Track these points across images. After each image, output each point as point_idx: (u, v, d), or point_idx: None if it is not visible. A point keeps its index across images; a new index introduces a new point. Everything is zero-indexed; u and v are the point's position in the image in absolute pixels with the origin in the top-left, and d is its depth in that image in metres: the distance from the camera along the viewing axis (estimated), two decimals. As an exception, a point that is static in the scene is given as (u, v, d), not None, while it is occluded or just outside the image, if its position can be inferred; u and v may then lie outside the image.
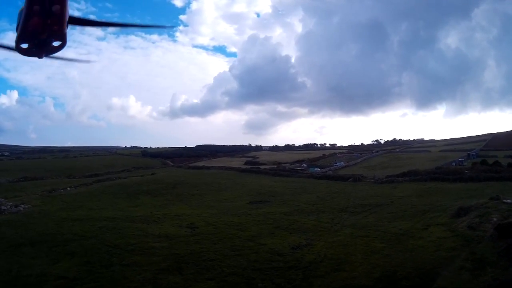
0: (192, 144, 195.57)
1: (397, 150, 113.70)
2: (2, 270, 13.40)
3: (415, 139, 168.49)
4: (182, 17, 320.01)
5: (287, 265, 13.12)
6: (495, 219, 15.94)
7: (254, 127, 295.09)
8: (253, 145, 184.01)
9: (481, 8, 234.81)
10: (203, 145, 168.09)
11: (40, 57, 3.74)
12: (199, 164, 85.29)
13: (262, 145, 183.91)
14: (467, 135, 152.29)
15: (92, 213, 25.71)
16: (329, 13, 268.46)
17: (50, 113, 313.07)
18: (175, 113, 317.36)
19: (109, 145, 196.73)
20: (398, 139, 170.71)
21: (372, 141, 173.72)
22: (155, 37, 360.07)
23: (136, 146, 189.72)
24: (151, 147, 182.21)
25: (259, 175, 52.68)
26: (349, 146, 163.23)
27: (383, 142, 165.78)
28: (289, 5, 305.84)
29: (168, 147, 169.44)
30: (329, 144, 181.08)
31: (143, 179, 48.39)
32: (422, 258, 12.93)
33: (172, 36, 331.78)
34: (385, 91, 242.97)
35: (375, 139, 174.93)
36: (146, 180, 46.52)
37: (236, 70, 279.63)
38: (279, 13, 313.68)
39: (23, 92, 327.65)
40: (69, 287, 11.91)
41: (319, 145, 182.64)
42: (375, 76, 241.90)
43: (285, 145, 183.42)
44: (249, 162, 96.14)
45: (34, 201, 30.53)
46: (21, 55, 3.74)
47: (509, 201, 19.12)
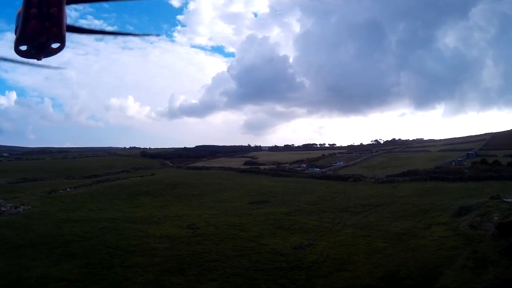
0: (191, 144, 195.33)
1: (396, 150, 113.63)
2: (3, 272, 13.30)
3: (414, 139, 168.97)
4: (180, 17, 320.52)
5: (290, 265, 13.11)
6: (496, 218, 15.97)
7: (252, 127, 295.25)
8: (252, 146, 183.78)
9: (478, 8, 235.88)
10: (202, 145, 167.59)
11: (39, 59, 3.76)
12: (199, 164, 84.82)
13: (261, 145, 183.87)
14: (466, 135, 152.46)
15: (92, 214, 25.65)
16: (327, 13, 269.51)
17: (48, 114, 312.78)
18: (173, 113, 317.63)
19: (108, 146, 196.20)
20: (397, 139, 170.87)
21: (371, 141, 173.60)
22: (153, 37, 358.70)
23: (135, 147, 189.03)
24: (150, 147, 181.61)
25: (259, 175, 52.58)
26: (348, 146, 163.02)
27: (382, 142, 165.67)
28: (286, 5, 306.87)
29: (167, 147, 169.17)
30: (328, 144, 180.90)
31: (142, 179, 48.27)
32: (424, 257, 12.94)
33: (170, 36, 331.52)
34: (383, 91, 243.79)
35: (374, 139, 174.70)
36: (146, 180, 46.40)
37: (234, 70, 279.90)
38: (276, 13, 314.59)
39: (22, 93, 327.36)
40: (71, 289, 11.83)
41: (318, 145, 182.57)
42: (373, 76, 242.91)
43: (284, 145, 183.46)
44: (248, 162, 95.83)
45: (34, 202, 30.39)
46: (20, 57, 3.76)
47: (509, 200, 19.09)
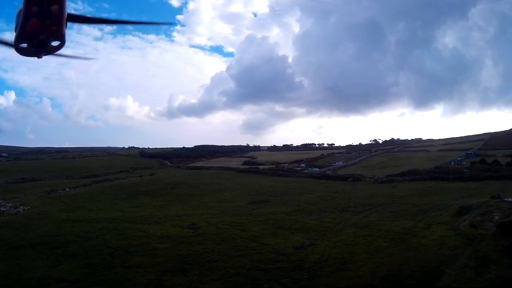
0: (190, 144, 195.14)
1: (395, 149, 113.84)
2: (3, 273, 13.22)
3: (413, 138, 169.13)
4: (179, 17, 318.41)
5: (292, 265, 13.10)
6: (496, 218, 16.00)
7: (251, 127, 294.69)
8: (251, 145, 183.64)
9: (478, 8, 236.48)
10: (201, 145, 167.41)
11: (39, 57, 3.74)
12: (198, 164, 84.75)
13: (260, 145, 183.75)
14: (465, 135, 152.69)
15: (92, 214, 25.57)
16: (326, 13, 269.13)
17: (47, 114, 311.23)
18: (172, 113, 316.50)
19: (107, 146, 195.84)
20: (396, 138, 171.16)
21: (370, 140, 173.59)
22: (152, 37, 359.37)
23: (134, 147, 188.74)
24: (149, 147, 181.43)
25: (258, 175, 52.61)
26: (347, 146, 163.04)
27: (381, 142, 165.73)
28: (286, 5, 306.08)
29: (166, 147, 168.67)
30: (327, 144, 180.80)
31: (142, 179, 48.22)
32: (425, 256, 12.97)
33: (169, 36, 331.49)
34: (382, 90, 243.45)
35: (373, 139, 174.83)
36: (145, 180, 46.35)
37: (233, 70, 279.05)
38: (276, 13, 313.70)
39: (21, 92, 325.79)
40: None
41: (317, 145, 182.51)
42: (372, 76, 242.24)
43: (283, 145, 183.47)
44: (247, 162, 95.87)
45: (33, 202, 30.30)
46: (20, 55, 3.72)
47: (510, 199, 19.11)
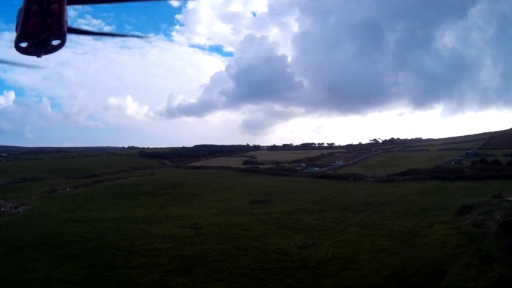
0: (189, 144, 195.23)
1: (395, 149, 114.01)
2: (4, 275, 13.09)
3: (413, 138, 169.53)
4: (178, 16, 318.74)
5: (296, 264, 13.07)
6: (498, 217, 16.05)
7: (251, 126, 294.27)
8: (251, 145, 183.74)
9: (477, 8, 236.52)
10: (200, 145, 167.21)
11: (39, 56, 3.77)
12: (198, 164, 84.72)
13: (260, 145, 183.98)
14: (464, 134, 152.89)
15: (93, 214, 25.49)
16: (326, 12, 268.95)
17: (47, 114, 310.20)
18: (172, 113, 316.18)
19: (106, 146, 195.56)
20: (396, 138, 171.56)
21: (370, 140, 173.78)
22: (152, 37, 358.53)
23: (133, 146, 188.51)
24: (149, 147, 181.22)
25: (259, 174, 52.53)
26: (347, 145, 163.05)
27: (381, 142, 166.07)
28: (285, 4, 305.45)
29: (166, 147, 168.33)
30: (327, 144, 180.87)
31: (142, 179, 48.12)
32: (429, 255, 12.98)
33: (169, 36, 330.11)
34: (382, 90, 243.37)
35: (372, 139, 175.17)
36: (145, 180, 46.25)
37: (233, 70, 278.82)
38: (275, 13, 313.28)
39: (20, 92, 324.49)
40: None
41: (316, 145, 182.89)
42: (372, 76, 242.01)
43: (283, 144, 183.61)
44: (247, 161, 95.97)
45: (34, 202, 30.18)
46: (20, 54, 3.76)
47: (511, 199, 19.20)
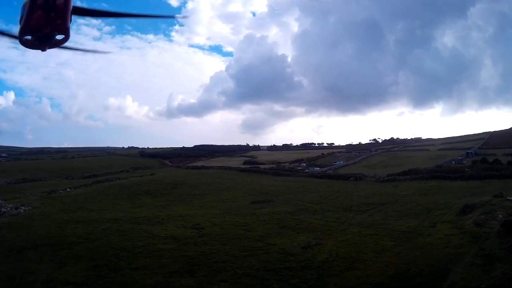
0: (189, 144, 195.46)
1: (395, 149, 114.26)
2: (5, 276, 12.95)
3: (413, 138, 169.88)
4: (178, 16, 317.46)
5: (300, 265, 13.05)
6: (500, 216, 16.08)
7: (251, 126, 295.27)
8: (251, 145, 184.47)
9: (477, 7, 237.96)
10: (201, 145, 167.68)
11: (43, 50, 3.75)
12: (198, 164, 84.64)
13: (260, 145, 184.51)
14: (464, 134, 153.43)
15: (93, 214, 25.33)
16: (325, 12, 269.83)
17: (47, 114, 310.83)
18: (172, 113, 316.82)
19: (106, 146, 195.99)
20: (396, 138, 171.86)
21: (370, 140, 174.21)
22: (151, 37, 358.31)
23: (133, 147, 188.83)
24: (149, 147, 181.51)
25: (259, 174, 52.47)
26: (347, 145, 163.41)
27: (381, 141, 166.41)
28: (285, 4, 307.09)
29: (166, 147, 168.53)
30: (327, 144, 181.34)
31: (142, 179, 47.94)
32: (432, 255, 13.01)
33: (168, 36, 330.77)
34: (381, 90, 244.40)
35: (372, 138, 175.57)
36: (146, 180, 46.09)
37: (233, 70, 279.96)
38: (275, 13, 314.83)
39: (20, 93, 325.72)
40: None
41: (316, 145, 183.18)
42: (371, 75, 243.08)
43: (283, 144, 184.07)
44: (248, 161, 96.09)
45: (34, 203, 29.96)
46: (24, 47, 3.74)
47: (512, 198, 19.22)
